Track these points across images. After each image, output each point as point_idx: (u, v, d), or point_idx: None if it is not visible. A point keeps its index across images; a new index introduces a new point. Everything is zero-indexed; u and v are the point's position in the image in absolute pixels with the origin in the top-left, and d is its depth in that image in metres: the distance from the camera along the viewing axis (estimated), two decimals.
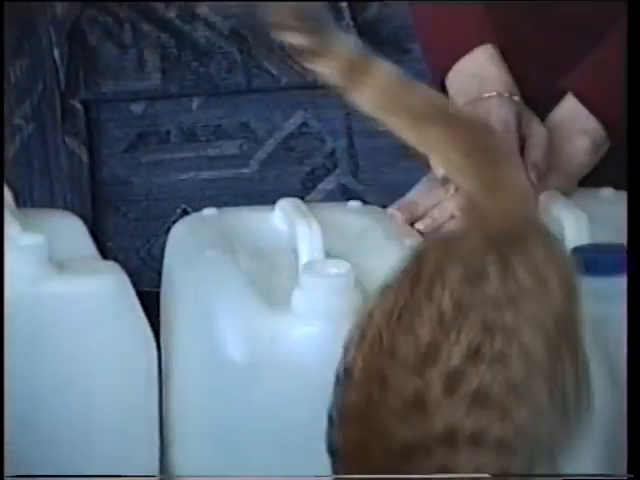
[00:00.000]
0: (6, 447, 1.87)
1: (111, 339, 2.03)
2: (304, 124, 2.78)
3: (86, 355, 2.03)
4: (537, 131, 2.25)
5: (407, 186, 2.33)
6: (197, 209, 2.29)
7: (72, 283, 2.02)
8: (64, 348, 2.03)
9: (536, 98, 2.35)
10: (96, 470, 2.03)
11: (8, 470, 1.86)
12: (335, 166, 2.76)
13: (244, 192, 2.30)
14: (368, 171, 2.76)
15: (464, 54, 2.38)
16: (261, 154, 2.75)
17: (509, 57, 2.38)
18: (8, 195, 2.18)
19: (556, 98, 2.34)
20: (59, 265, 1.99)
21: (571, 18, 2.43)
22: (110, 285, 1.99)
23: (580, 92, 2.26)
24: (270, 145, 2.75)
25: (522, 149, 2.26)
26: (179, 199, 2.21)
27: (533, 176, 2.20)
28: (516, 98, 2.31)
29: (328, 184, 2.71)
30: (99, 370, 2.05)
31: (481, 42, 2.38)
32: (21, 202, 2.19)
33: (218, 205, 2.23)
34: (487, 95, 2.32)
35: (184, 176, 2.73)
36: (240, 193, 2.30)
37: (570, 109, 2.26)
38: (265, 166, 2.73)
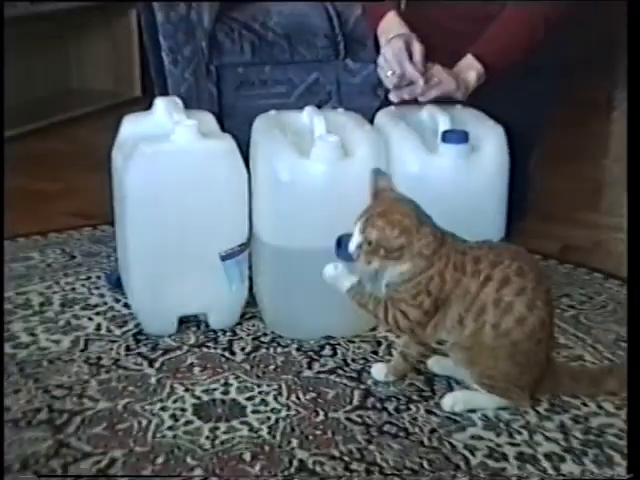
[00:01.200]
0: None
1: (228, 173, 2.08)
2: (316, 79, 2.74)
3: (218, 183, 2.07)
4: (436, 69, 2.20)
5: (366, 110, 2.31)
6: None
7: (210, 143, 2.08)
8: (207, 178, 2.04)
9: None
10: (220, 232, 2.06)
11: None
12: (330, 98, 2.72)
13: (289, 109, 2.28)
14: (347, 102, 2.70)
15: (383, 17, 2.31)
16: (296, 92, 2.74)
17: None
18: (180, 103, 2.14)
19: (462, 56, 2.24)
20: (204, 134, 2.02)
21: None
22: (228, 144, 2.09)
23: (474, 51, 2.23)
24: (301, 88, 2.75)
25: None
26: (259, 111, 2.17)
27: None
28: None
29: (327, 107, 2.66)
30: (225, 188, 2.08)
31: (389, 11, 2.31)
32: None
33: None
34: (399, 33, 2.23)
35: (261, 102, 2.67)
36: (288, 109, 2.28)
37: (468, 59, 2.21)
38: (298, 98, 2.70)
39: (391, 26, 2.29)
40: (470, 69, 2.19)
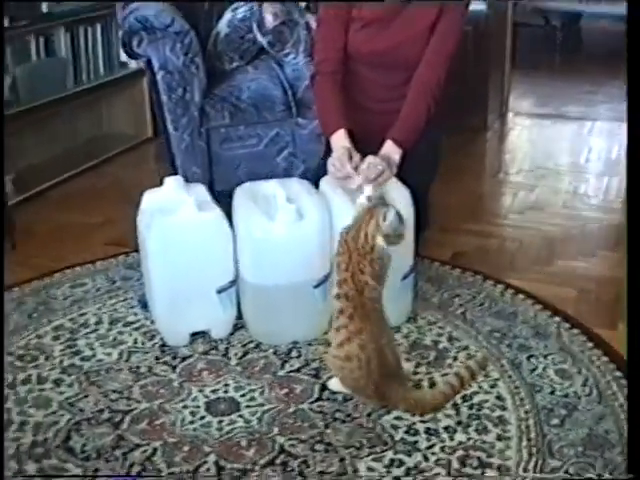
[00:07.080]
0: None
1: (218, 234, 2.10)
2: (277, 133, 2.69)
3: (211, 241, 2.08)
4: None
5: (312, 152, 2.38)
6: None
7: (204, 215, 2.09)
8: (203, 239, 2.07)
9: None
10: (215, 274, 2.10)
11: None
12: (287, 146, 2.65)
13: (260, 155, 2.25)
14: (299, 147, 2.63)
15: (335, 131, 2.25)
16: (263, 143, 2.67)
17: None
18: (182, 180, 2.21)
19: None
20: (199, 207, 2.07)
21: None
22: (217, 215, 2.11)
23: (393, 137, 2.20)
24: (266, 140, 2.67)
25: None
26: (237, 158, 2.21)
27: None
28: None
29: (286, 153, 2.63)
30: (216, 244, 2.10)
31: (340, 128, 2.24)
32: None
33: None
34: (344, 145, 2.19)
35: (239, 152, 2.56)
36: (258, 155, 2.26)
37: (390, 144, 2.19)
38: (265, 147, 2.64)
39: (340, 140, 2.22)
40: (393, 153, 2.18)
